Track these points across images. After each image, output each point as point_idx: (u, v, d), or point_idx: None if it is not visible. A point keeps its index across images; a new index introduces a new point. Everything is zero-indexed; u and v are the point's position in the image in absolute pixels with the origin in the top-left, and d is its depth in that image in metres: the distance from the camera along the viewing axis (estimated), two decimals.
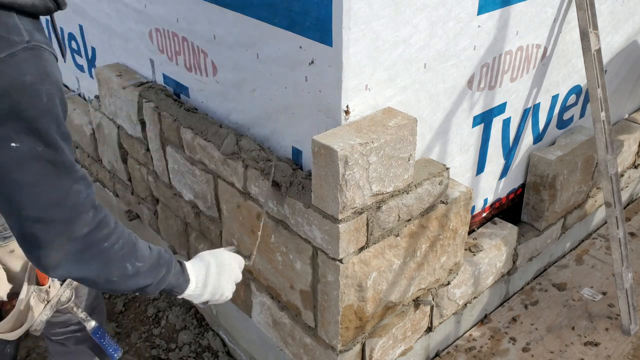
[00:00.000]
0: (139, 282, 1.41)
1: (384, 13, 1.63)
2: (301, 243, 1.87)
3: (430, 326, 2.31)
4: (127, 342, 2.80)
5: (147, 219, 2.95)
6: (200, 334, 2.81)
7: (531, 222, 2.69)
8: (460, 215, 2.08)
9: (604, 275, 2.84)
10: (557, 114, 2.62)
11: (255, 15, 1.83)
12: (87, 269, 1.31)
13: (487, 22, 1.98)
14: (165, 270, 1.47)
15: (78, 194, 1.25)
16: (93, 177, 3.43)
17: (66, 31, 3.21)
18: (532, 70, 2.31)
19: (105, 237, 1.31)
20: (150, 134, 2.54)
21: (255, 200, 2.02)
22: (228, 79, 2.11)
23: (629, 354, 2.43)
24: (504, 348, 2.47)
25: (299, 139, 1.93)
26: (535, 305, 2.68)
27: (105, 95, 2.76)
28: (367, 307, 1.91)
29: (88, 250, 1.29)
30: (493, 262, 2.44)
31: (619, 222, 2.42)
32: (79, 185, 1.26)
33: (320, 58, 1.67)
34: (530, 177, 2.62)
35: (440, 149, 2.11)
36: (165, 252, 1.51)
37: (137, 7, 2.42)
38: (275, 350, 2.34)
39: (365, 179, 1.67)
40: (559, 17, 2.27)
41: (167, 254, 1.51)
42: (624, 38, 2.75)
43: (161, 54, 2.44)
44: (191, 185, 2.37)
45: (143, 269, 1.41)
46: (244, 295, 2.36)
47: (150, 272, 1.43)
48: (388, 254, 1.89)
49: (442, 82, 1.96)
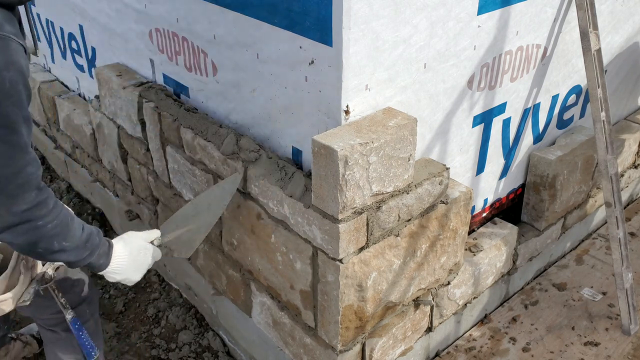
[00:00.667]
0: (61, 257, 1.59)
1: (384, 13, 1.64)
2: (301, 243, 1.87)
3: (430, 326, 2.31)
4: (127, 342, 2.80)
5: (147, 219, 2.95)
6: (200, 334, 2.81)
7: (531, 222, 2.69)
8: (460, 215, 2.08)
9: (604, 275, 2.84)
10: (557, 114, 2.63)
11: (255, 15, 1.83)
12: (18, 238, 1.47)
13: (487, 22, 1.98)
14: (89, 252, 1.64)
15: (28, 174, 1.41)
16: (93, 177, 3.43)
17: (66, 31, 3.21)
18: (532, 70, 2.31)
19: (41, 216, 1.47)
20: (150, 134, 2.54)
21: (255, 200, 2.02)
22: (228, 79, 2.11)
23: (629, 354, 2.43)
24: (504, 348, 2.47)
25: (299, 139, 1.93)
26: (535, 305, 2.68)
27: (105, 95, 2.76)
28: (367, 307, 1.91)
29: (23, 225, 1.45)
30: (493, 262, 2.44)
31: (619, 222, 2.43)
32: (31, 166, 1.42)
33: (320, 58, 1.67)
34: (530, 177, 2.62)
35: (440, 149, 2.11)
36: (97, 234, 1.69)
37: (137, 7, 2.42)
38: (275, 350, 2.34)
39: (365, 179, 1.67)
40: (559, 17, 2.27)
41: (97, 237, 1.68)
42: (624, 38, 2.75)
43: (161, 54, 2.45)
44: (191, 185, 2.37)
45: (69, 248, 1.57)
46: (244, 295, 2.36)
47: (75, 252, 1.60)
48: (388, 254, 1.89)
49: (442, 82, 1.96)
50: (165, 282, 3.13)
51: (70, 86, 3.51)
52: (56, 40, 3.40)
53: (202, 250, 2.53)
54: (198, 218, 2.04)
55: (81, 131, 3.22)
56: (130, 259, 1.80)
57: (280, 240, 1.97)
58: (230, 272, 2.38)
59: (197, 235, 2.03)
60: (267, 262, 2.10)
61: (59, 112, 3.42)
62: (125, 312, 2.97)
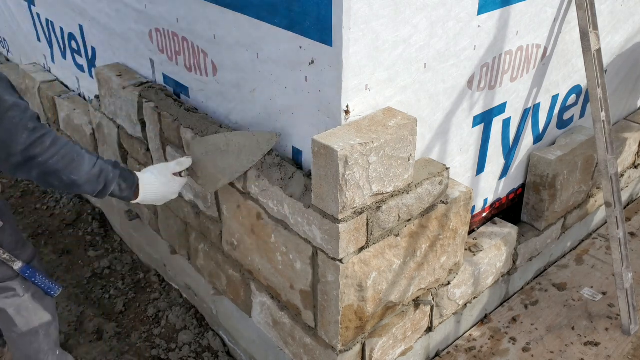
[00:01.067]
0: (77, 189, 1.79)
1: (384, 13, 1.64)
2: (301, 243, 1.87)
3: (430, 326, 2.31)
4: (127, 342, 2.80)
5: (147, 219, 2.95)
6: (200, 334, 2.81)
7: (531, 222, 2.69)
8: (460, 215, 2.08)
9: (604, 275, 2.84)
10: (557, 114, 2.63)
11: (256, 15, 1.83)
12: (29, 174, 1.71)
13: (487, 22, 1.98)
14: (103, 185, 1.81)
15: (11, 118, 1.61)
16: None
17: (66, 31, 3.21)
18: (532, 70, 2.31)
19: (40, 153, 1.66)
20: (150, 134, 2.54)
21: (255, 200, 2.02)
22: (228, 79, 2.11)
23: (629, 354, 2.43)
24: (504, 348, 2.47)
25: (299, 139, 1.93)
26: (535, 305, 2.68)
27: (106, 95, 2.76)
28: (367, 307, 1.91)
29: (28, 162, 1.67)
30: (493, 262, 2.44)
31: (619, 222, 2.43)
32: (12, 111, 1.61)
33: (320, 58, 1.67)
34: (531, 177, 2.62)
35: (440, 149, 2.11)
36: (113, 170, 1.84)
37: (137, 7, 2.42)
38: (276, 350, 2.34)
39: (365, 179, 1.67)
40: (559, 17, 2.27)
41: (111, 173, 1.83)
42: (624, 38, 2.75)
43: (161, 54, 2.45)
44: (191, 185, 2.37)
45: (80, 181, 1.76)
46: (244, 295, 2.36)
47: (88, 185, 1.78)
48: (388, 254, 1.89)
49: (442, 82, 1.96)
50: (165, 282, 3.13)
51: (70, 86, 3.51)
52: (56, 40, 3.40)
53: (202, 250, 2.53)
54: (226, 158, 2.05)
55: (81, 131, 3.22)
56: (160, 194, 1.98)
57: (280, 240, 1.97)
58: (230, 272, 2.38)
59: (222, 176, 2.07)
60: (267, 262, 2.10)
61: (59, 112, 3.42)
62: (126, 312, 2.97)
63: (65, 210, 3.71)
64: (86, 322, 2.89)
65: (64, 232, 3.54)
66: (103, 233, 3.52)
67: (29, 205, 3.80)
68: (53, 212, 3.72)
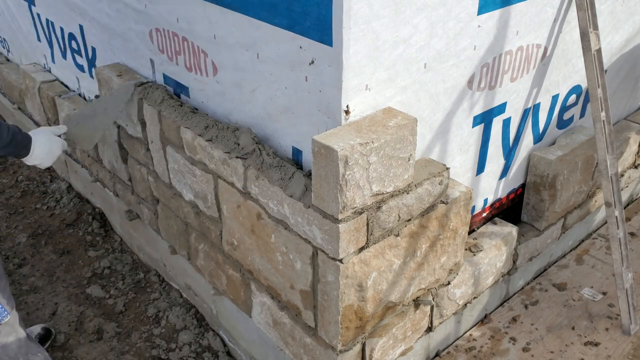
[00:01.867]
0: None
1: (384, 13, 1.64)
2: (301, 243, 1.87)
3: (431, 326, 2.31)
4: (127, 342, 2.80)
5: (147, 219, 2.95)
6: (200, 334, 2.81)
7: (531, 222, 2.69)
8: (460, 215, 2.08)
9: (604, 275, 2.84)
10: (557, 114, 2.63)
11: (256, 15, 1.83)
12: None
13: (487, 22, 1.98)
14: (13, 148, 2.12)
15: None
16: (93, 177, 3.43)
17: (66, 31, 3.21)
18: (532, 70, 2.31)
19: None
20: (150, 134, 2.54)
21: (255, 200, 2.02)
22: (228, 79, 2.11)
23: (629, 354, 2.43)
24: (504, 348, 2.47)
25: (299, 139, 1.93)
26: (536, 305, 2.68)
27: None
28: (367, 307, 1.92)
29: None
30: (493, 262, 2.44)
31: (619, 222, 2.43)
32: None
33: (320, 58, 1.67)
34: (531, 177, 2.62)
35: (440, 149, 2.11)
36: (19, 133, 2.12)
37: (137, 7, 2.42)
38: (276, 350, 2.34)
39: (365, 179, 1.67)
40: (559, 17, 2.27)
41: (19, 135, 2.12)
42: (624, 38, 2.75)
43: (161, 54, 2.45)
44: (191, 185, 2.37)
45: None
46: (244, 295, 2.36)
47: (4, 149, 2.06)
48: (388, 254, 1.89)
49: (442, 82, 1.96)
50: (165, 282, 3.13)
51: (70, 86, 3.51)
52: (56, 40, 3.40)
53: (202, 250, 2.53)
54: (96, 118, 2.55)
55: None
56: (47, 149, 2.28)
57: (280, 240, 1.97)
58: (230, 272, 2.38)
59: (96, 132, 2.53)
60: (267, 262, 2.10)
61: (59, 112, 3.42)
62: (126, 312, 2.97)
63: (65, 210, 3.71)
64: (86, 322, 2.90)
65: (64, 232, 3.54)
66: (103, 233, 3.52)
67: (29, 205, 3.80)
68: (53, 212, 3.72)
